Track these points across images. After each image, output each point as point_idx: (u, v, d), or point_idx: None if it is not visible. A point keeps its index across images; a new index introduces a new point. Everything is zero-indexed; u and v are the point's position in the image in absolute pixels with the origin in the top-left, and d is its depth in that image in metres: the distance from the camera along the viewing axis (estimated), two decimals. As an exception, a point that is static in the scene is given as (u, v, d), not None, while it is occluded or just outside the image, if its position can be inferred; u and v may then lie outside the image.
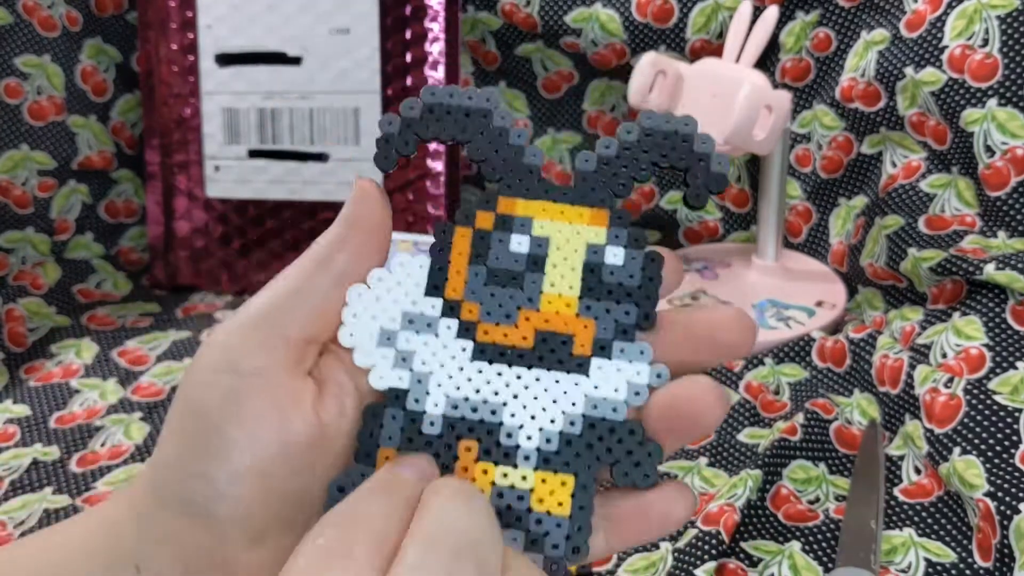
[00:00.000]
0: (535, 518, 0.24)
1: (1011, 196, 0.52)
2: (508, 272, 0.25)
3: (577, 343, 0.25)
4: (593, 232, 0.25)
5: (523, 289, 0.25)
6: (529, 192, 0.26)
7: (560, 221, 0.25)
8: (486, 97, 0.26)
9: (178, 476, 0.24)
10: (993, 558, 0.40)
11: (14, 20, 0.66)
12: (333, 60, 0.68)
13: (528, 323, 0.25)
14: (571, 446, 0.24)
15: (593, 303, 0.25)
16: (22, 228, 0.68)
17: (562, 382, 0.25)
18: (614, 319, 0.25)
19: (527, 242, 0.25)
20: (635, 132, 0.26)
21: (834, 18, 0.64)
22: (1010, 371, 0.46)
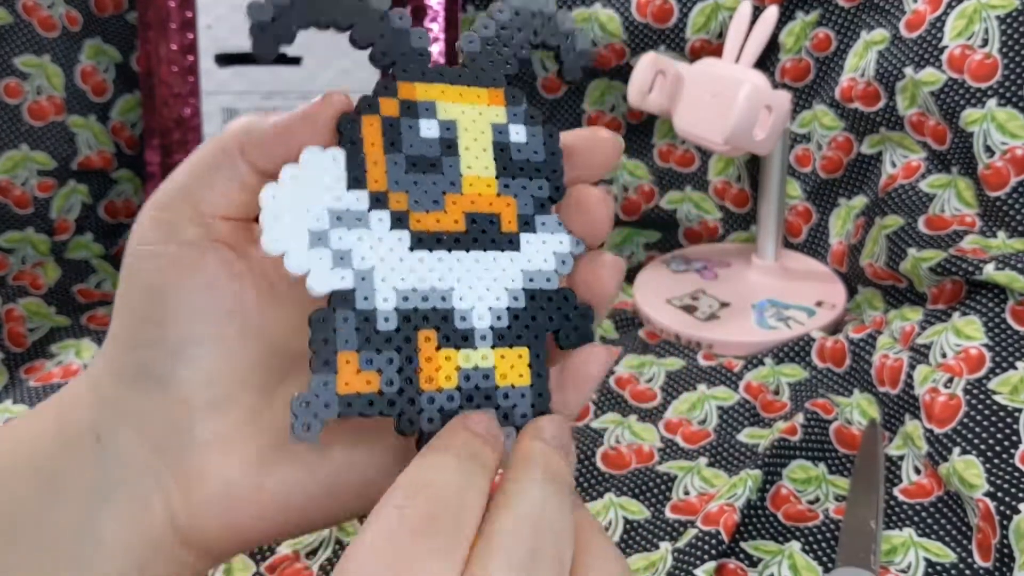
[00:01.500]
0: (502, 393, 0.24)
1: (1011, 196, 0.52)
2: (425, 158, 0.25)
3: (504, 221, 0.25)
4: (494, 112, 0.26)
5: (443, 173, 0.25)
6: (425, 76, 0.26)
7: (461, 103, 0.26)
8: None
9: (132, 347, 0.24)
10: (993, 558, 0.40)
11: (14, 20, 0.66)
12: (333, 60, 0.68)
13: (456, 207, 0.25)
14: (519, 320, 0.25)
15: (510, 181, 0.26)
16: (22, 228, 0.68)
17: (498, 260, 0.25)
18: (530, 195, 0.26)
19: (436, 126, 0.25)
20: (506, 11, 0.26)
21: (834, 18, 0.64)
22: (1010, 371, 0.46)
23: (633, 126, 0.72)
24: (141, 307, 0.24)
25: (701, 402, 0.54)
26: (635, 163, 0.72)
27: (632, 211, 0.72)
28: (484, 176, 0.25)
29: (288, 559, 0.43)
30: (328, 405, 0.23)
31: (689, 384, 0.56)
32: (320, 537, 0.44)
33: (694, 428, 0.52)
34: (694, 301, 0.64)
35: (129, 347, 0.24)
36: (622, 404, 0.54)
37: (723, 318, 0.62)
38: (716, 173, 0.71)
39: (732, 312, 0.62)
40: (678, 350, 0.60)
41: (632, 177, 0.72)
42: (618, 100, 0.71)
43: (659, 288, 0.66)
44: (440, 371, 0.24)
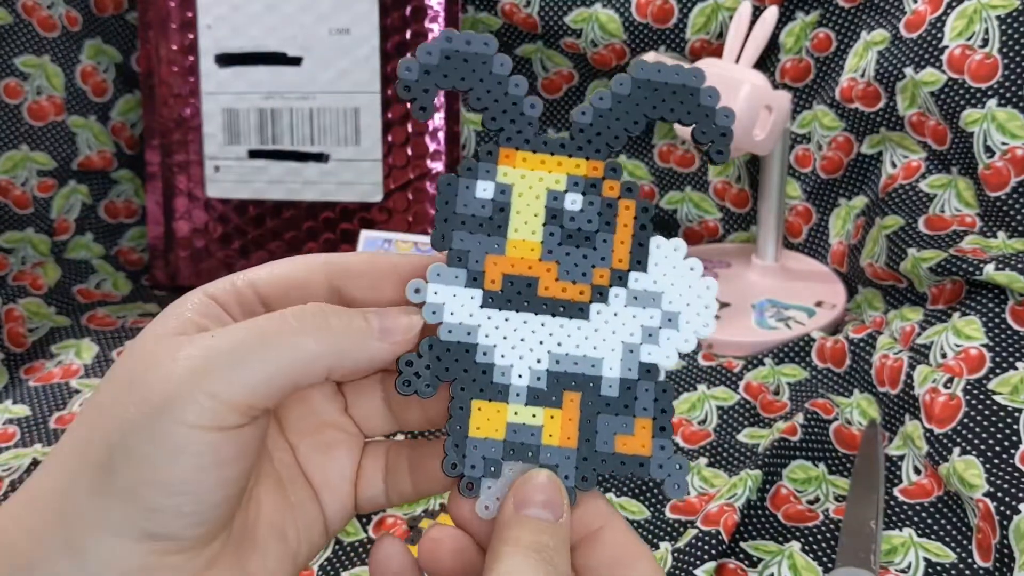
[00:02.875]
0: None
1: (1011, 196, 0.52)
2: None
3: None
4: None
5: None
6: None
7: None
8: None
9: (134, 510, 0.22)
10: (993, 558, 0.40)
11: (14, 20, 0.66)
12: (333, 60, 0.68)
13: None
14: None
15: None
16: (22, 228, 0.68)
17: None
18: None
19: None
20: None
21: (834, 18, 0.64)
22: (1010, 371, 0.46)
23: (633, 126, 0.72)
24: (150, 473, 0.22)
25: (701, 402, 0.54)
26: (635, 163, 0.72)
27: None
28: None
29: (288, 559, 0.43)
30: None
31: (689, 384, 0.56)
32: (320, 537, 0.44)
33: (694, 428, 0.52)
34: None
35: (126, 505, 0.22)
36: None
37: (723, 318, 0.62)
38: (716, 173, 0.71)
39: (732, 312, 0.62)
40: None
41: (632, 177, 0.72)
42: (618, 100, 0.71)
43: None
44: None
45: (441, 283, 0.25)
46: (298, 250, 0.70)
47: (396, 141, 0.69)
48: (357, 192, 0.69)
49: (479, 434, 0.25)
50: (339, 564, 0.43)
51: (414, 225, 0.69)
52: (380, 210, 0.69)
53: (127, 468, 0.22)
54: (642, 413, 0.26)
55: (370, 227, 0.68)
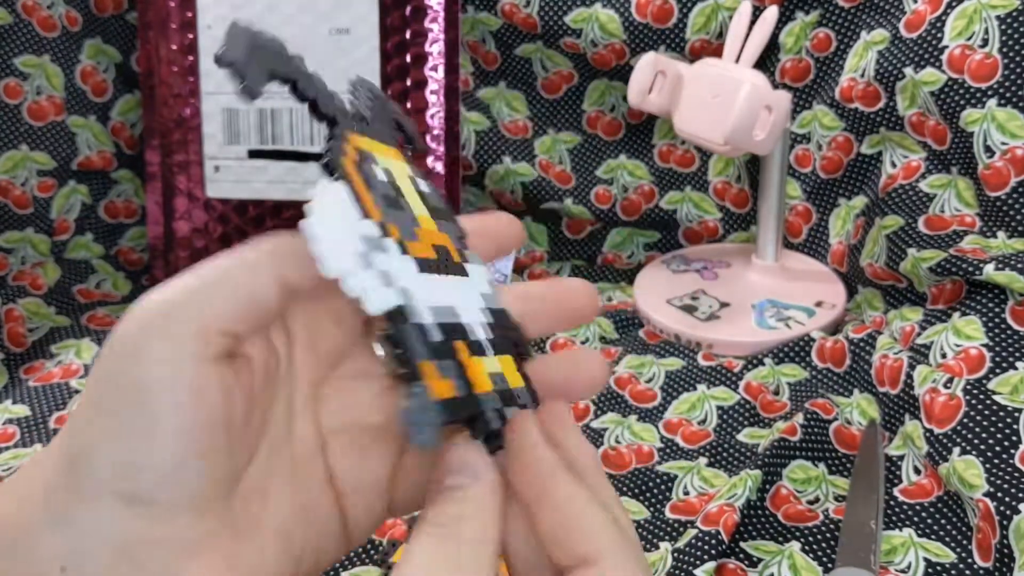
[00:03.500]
0: (516, 394, 0.26)
1: (1011, 196, 0.52)
2: (389, 197, 0.26)
3: (452, 253, 0.28)
4: (404, 165, 0.28)
5: (404, 210, 0.27)
6: (356, 129, 0.27)
7: (386, 156, 0.28)
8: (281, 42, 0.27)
9: (111, 467, 0.22)
10: (993, 558, 0.40)
11: (14, 20, 0.66)
12: (333, 60, 0.68)
13: (425, 239, 0.27)
14: (495, 333, 0.27)
15: (439, 222, 0.28)
16: (22, 228, 0.68)
17: (463, 284, 0.27)
18: (451, 234, 0.28)
19: (383, 172, 0.27)
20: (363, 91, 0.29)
21: (834, 18, 0.64)
22: (1010, 371, 0.46)
23: (633, 126, 0.72)
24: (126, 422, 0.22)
25: (701, 402, 0.54)
26: (635, 163, 0.72)
27: (632, 211, 0.72)
28: (423, 215, 0.27)
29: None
30: (432, 411, 0.23)
31: (689, 384, 0.56)
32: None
33: (694, 428, 0.52)
34: (694, 301, 0.64)
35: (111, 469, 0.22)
36: (622, 404, 0.54)
37: (723, 318, 0.62)
38: (716, 173, 0.71)
39: (732, 312, 0.62)
40: (678, 350, 0.60)
41: (632, 177, 0.72)
42: (618, 100, 0.71)
43: (659, 288, 0.66)
44: (479, 376, 0.25)
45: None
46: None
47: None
48: (357, 192, 0.69)
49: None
50: (339, 564, 0.43)
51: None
52: (380, 210, 0.69)
53: (102, 427, 0.22)
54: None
55: (370, 227, 0.68)
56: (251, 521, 0.24)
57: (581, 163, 0.73)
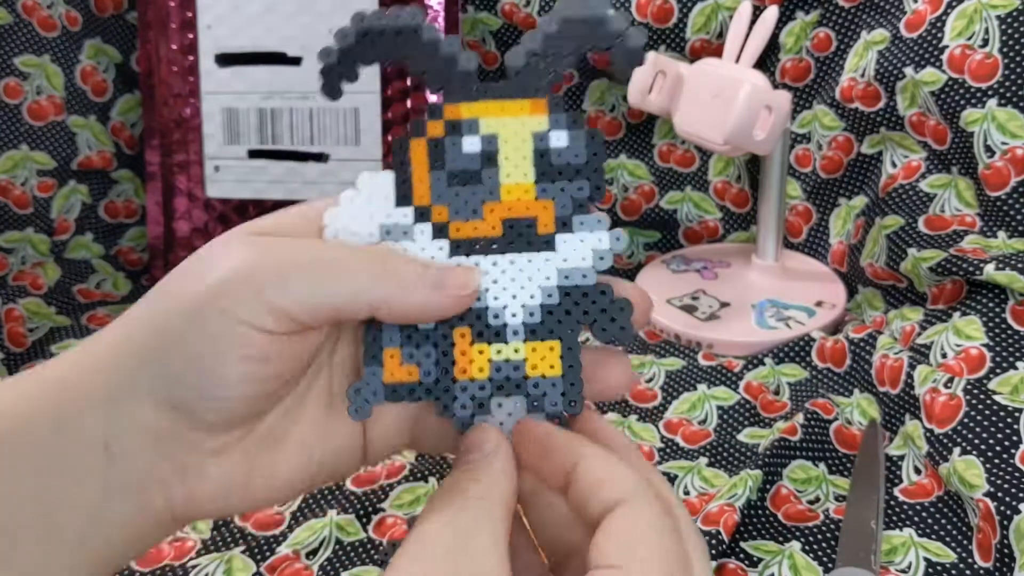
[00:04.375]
0: (532, 383, 0.27)
1: (1011, 196, 0.52)
2: (466, 171, 0.27)
3: (540, 223, 0.27)
4: (536, 121, 0.27)
5: (483, 184, 0.27)
6: (469, 95, 0.27)
7: (504, 116, 0.27)
8: (411, 15, 0.27)
9: (168, 379, 0.24)
10: (993, 558, 0.40)
11: (14, 20, 0.66)
12: (333, 60, 0.68)
13: (493, 214, 0.27)
14: (552, 315, 0.27)
15: (548, 185, 0.27)
16: (22, 228, 0.68)
17: (534, 261, 0.27)
18: (569, 196, 0.27)
19: (478, 141, 0.27)
20: (555, 22, 0.27)
21: (834, 18, 0.64)
22: (1010, 371, 0.46)
23: (633, 126, 0.72)
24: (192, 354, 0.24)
25: (701, 402, 0.54)
26: (635, 163, 0.72)
27: (632, 211, 0.72)
28: (523, 183, 0.27)
29: (288, 559, 0.43)
30: (376, 393, 0.26)
31: (689, 384, 0.56)
32: (320, 537, 0.44)
33: (694, 428, 0.52)
34: (694, 301, 0.64)
35: (161, 377, 0.24)
36: (622, 404, 0.54)
37: (723, 318, 0.62)
38: (716, 173, 0.71)
39: (732, 312, 0.62)
40: (678, 350, 0.60)
41: (632, 177, 0.72)
42: (618, 100, 0.71)
43: (659, 288, 0.66)
44: (473, 363, 0.27)
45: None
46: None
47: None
48: (357, 192, 0.69)
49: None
50: (339, 564, 0.43)
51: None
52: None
53: (170, 347, 0.24)
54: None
55: (370, 227, 0.68)
56: (277, 434, 0.27)
57: (581, 163, 0.73)
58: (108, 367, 0.25)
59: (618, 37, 0.27)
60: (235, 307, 0.24)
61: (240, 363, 0.24)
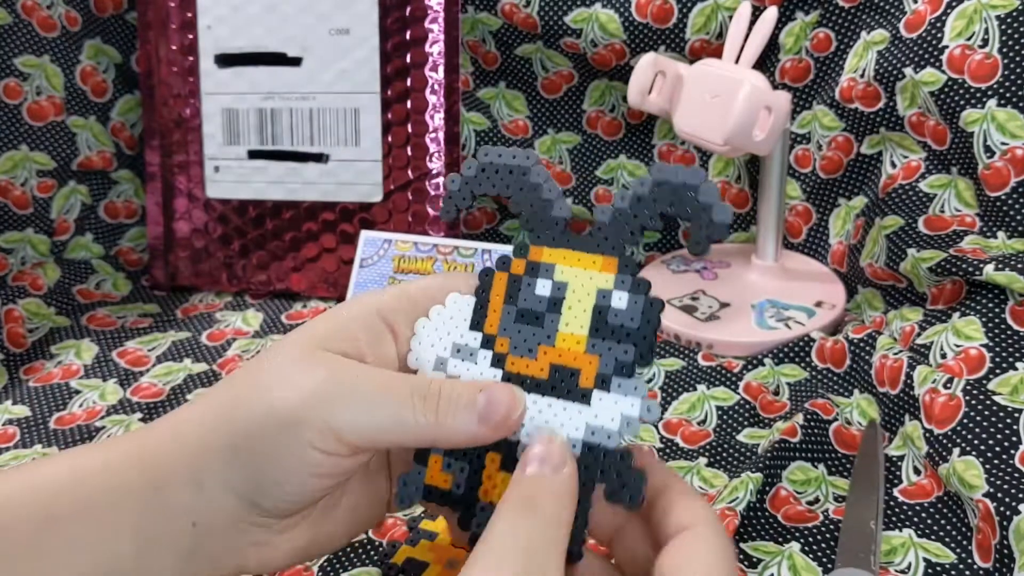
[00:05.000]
0: None
1: (1011, 196, 0.52)
2: (532, 312, 0.29)
3: (583, 376, 0.28)
4: (604, 278, 0.29)
5: (543, 327, 0.29)
6: (554, 241, 0.30)
7: (578, 267, 0.29)
8: (526, 155, 0.30)
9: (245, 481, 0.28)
10: (993, 559, 0.40)
11: (14, 20, 0.66)
12: (333, 60, 0.68)
13: (545, 357, 0.29)
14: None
15: (599, 342, 0.28)
16: (22, 228, 0.68)
17: (568, 410, 0.28)
18: (615, 356, 0.28)
19: (550, 286, 0.29)
20: (647, 185, 0.28)
21: (834, 18, 0.64)
22: (1010, 371, 0.46)
23: (633, 126, 0.72)
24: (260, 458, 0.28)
25: (701, 402, 0.54)
26: (635, 163, 0.72)
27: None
28: (577, 334, 0.29)
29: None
30: (417, 489, 0.30)
31: (689, 384, 0.56)
32: (319, 537, 0.44)
33: (694, 428, 0.52)
34: (694, 301, 0.64)
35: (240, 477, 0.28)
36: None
37: (723, 318, 0.62)
38: (716, 173, 0.71)
39: (732, 312, 0.62)
40: (678, 350, 0.60)
41: (632, 177, 0.72)
42: (618, 100, 0.71)
43: (659, 288, 0.66)
44: (495, 489, 0.29)
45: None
46: (297, 250, 0.70)
47: (396, 142, 0.69)
48: (357, 193, 0.69)
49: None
50: (339, 565, 0.43)
51: (414, 225, 0.69)
52: (380, 211, 0.69)
53: (248, 454, 0.28)
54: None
55: (370, 227, 0.68)
56: (332, 505, 0.31)
57: (581, 163, 0.73)
58: (194, 453, 0.28)
59: (705, 209, 0.27)
60: (308, 434, 0.27)
61: (310, 479, 0.28)
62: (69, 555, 0.27)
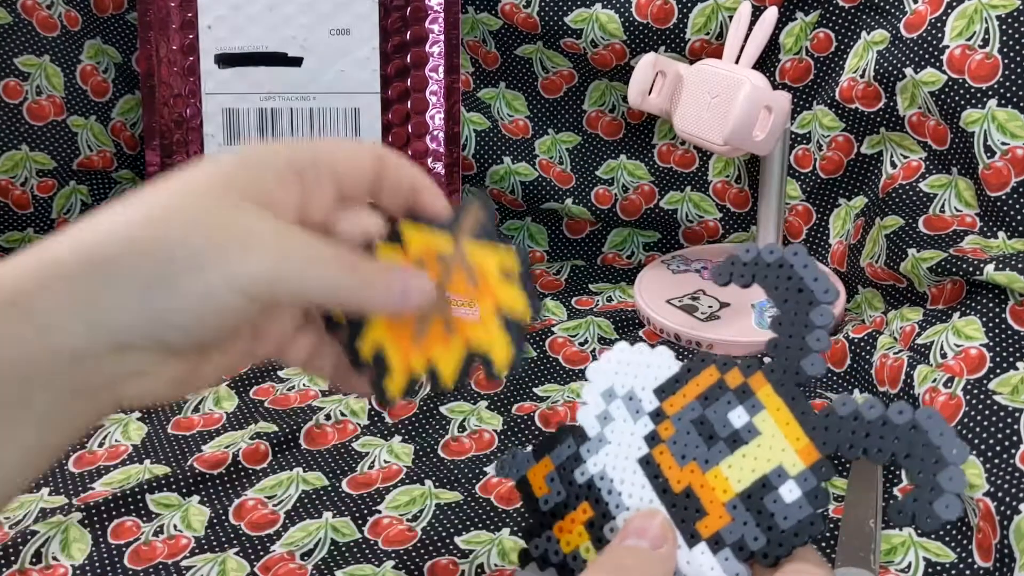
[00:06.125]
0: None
1: (1011, 196, 0.52)
2: (712, 429, 0.28)
3: (706, 522, 0.27)
4: (793, 461, 0.27)
5: (709, 450, 0.28)
6: (781, 388, 0.28)
7: (781, 429, 0.27)
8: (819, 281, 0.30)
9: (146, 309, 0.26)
10: (993, 558, 0.40)
11: (14, 20, 0.66)
12: (333, 60, 0.68)
13: (690, 475, 0.28)
14: None
15: (743, 509, 0.27)
16: (22, 228, 0.68)
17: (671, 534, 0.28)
18: (744, 535, 0.27)
19: (745, 421, 0.28)
20: (905, 416, 0.26)
21: (834, 18, 0.64)
22: (1010, 371, 0.46)
23: (633, 126, 0.72)
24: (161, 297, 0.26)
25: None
26: (635, 163, 0.72)
27: (632, 211, 0.72)
28: (730, 484, 0.27)
29: (283, 559, 0.43)
30: (518, 471, 0.31)
31: (688, 384, 0.55)
32: (315, 539, 0.44)
33: (693, 428, 0.52)
34: (694, 301, 0.64)
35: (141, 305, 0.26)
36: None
37: (723, 318, 0.62)
38: (716, 173, 0.71)
39: (732, 312, 0.62)
40: (677, 350, 0.60)
41: (632, 177, 0.72)
42: (618, 100, 0.71)
43: (659, 288, 0.66)
44: (571, 534, 0.29)
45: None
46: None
47: (396, 142, 0.69)
48: (357, 192, 0.69)
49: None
50: (334, 564, 0.43)
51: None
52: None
53: (158, 279, 0.26)
54: None
55: (370, 227, 0.68)
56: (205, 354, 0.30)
57: (581, 163, 0.73)
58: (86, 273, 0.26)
59: (934, 490, 0.24)
60: (240, 281, 0.27)
61: (218, 314, 0.27)
62: None
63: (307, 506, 0.47)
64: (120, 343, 0.27)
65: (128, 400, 0.28)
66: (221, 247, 0.27)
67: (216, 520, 0.46)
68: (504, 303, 0.30)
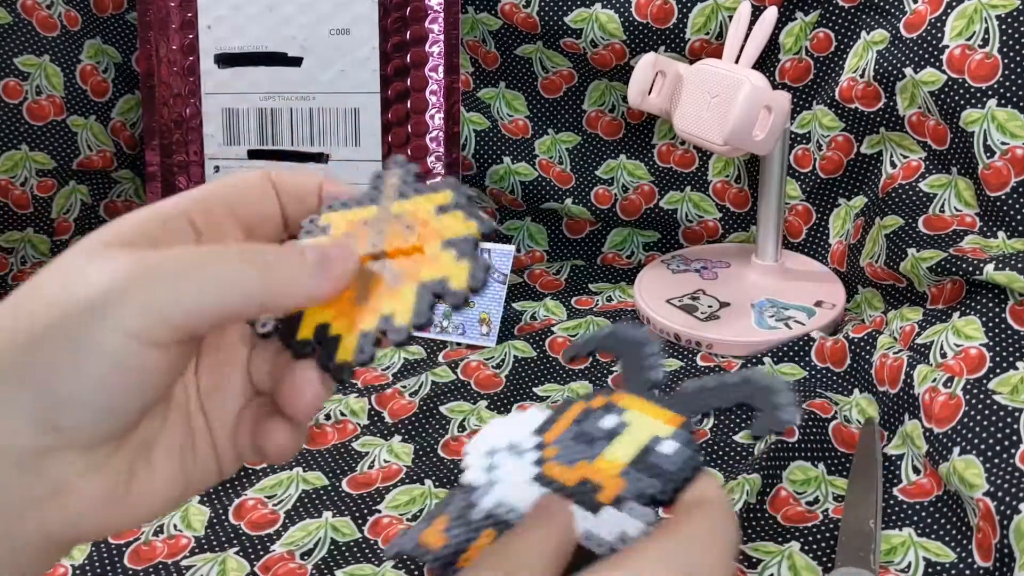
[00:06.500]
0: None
1: (1011, 196, 0.52)
2: (590, 435, 0.31)
3: (604, 492, 0.30)
4: (665, 428, 0.31)
5: (592, 448, 0.31)
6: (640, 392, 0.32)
7: (646, 415, 0.31)
8: (647, 335, 0.33)
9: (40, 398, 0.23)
10: (993, 558, 0.40)
11: (14, 20, 0.66)
12: (333, 60, 0.68)
13: (580, 471, 0.30)
14: None
15: (633, 471, 0.30)
16: (22, 228, 0.68)
17: (575, 512, 0.29)
18: (640, 486, 0.29)
19: (615, 421, 0.31)
20: (739, 377, 0.31)
21: (834, 18, 0.64)
22: (1010, 371, 0.46)
23: (633, 126, 0.72)
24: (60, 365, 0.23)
25: (700, 402, 0.54)
26: (635, 163, 0.72)
27: (632, 211, 0.72)
28: (618, 460, 0.30)
29: (283, 559, 0.43)
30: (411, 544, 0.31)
31: (688, 384, 0.56)
32: (315, 538, 0.44)
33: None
34: (694, 301, 0.64)
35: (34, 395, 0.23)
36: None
37: (723, 318, 0.62)
38: (716, 173, 0.71)
39: (732, 312, 0.62)
40: (677, 350, 0.60)
41: (632, 177, 0.72)
42: (618, 100, 0.71)
43: (659, 288, 0.66)
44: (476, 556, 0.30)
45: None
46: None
47: (396, 142, 0.69)
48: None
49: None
50: (333, 563, 0.43)
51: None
52: (380, 210, 0.69)
53: (42, 365, 0.23)
54: None
55: (370, 227, 0.68)
56: (147, 445, 0.26)
57: (581, 163, 0.73)
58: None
59: (776, 408, 0.30)
60: (123, 321, 0.23)
61: (112, 375, 0.23)
62: None
63: (307, 506, 0.47)
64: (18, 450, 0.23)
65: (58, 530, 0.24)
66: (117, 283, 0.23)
67: (216, 520, 0.46)
68: (446, 231, 0.29)
